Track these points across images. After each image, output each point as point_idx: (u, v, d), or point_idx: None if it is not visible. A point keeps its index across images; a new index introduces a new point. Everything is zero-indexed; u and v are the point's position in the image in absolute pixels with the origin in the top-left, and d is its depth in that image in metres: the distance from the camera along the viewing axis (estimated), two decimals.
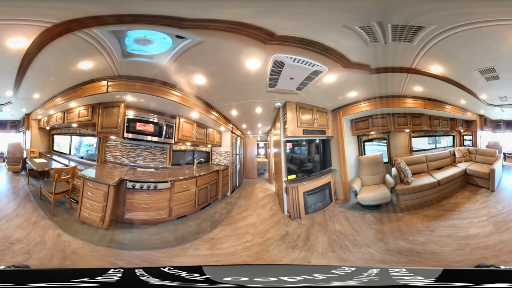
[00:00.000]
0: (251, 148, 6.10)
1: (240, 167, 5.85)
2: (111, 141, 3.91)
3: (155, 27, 2.50)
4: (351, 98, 4.23)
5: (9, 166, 3.52)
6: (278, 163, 4.85)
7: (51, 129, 3.92)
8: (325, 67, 3.56)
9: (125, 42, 2.64)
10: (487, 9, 1.96)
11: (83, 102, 3.37)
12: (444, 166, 3.86)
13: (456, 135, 3.85)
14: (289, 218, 4.20)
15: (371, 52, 3.03)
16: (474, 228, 2.66)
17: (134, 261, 2.87)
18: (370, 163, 4.22)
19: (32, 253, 2.25)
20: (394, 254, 2.78)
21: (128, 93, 3.19)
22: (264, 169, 6.13)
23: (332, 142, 4.74)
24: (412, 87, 3.47)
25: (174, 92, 3.69)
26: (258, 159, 6.06)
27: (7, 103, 2.90)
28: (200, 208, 4.37)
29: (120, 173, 3.63)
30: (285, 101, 4.47)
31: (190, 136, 4.63)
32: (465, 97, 3.31)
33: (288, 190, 4.28)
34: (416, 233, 2.96)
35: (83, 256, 2.42)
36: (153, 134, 3.92)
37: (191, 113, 4.46)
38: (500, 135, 3.36)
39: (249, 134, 6.12)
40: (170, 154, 4.54)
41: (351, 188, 4.18)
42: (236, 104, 4.73)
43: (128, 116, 3.58)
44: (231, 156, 5.50)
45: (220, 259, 3.23)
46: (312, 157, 4.80)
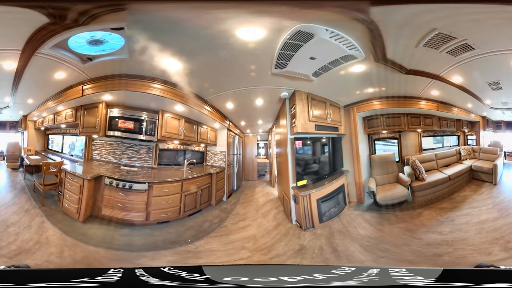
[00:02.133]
0: (250, 148, 5.55)
1: (238, 169, 5.29)
2: (97, 140, 3.96)
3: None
4: (368, 94, 3.80)
5: (8, 164, 3.79)
6: (283, 165, 4.30)
7: (46, 129, 4.15)
8: (363, 54, 2.98)
9: (77, 49, 2.78)
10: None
11: (68, 105, 3.61)
12: (452, 164, 4.11)
13: (461, 135, 4.14)
14: (300, 228, 3.64)
15: (408, 52, 3.02)
16: (484, 215, 3.10)
17: (76, 255, 2.78)
18: (383, 162, 4.14)
19: (20, 235, 2.71)
20: (437, 246, 2.92)
21: (104, 92, 3.34)
22: (265, 171, 5.56)
23: (343, 141, 4.31)
24: (430, 91, 3.62)
25: (153, 85, 3.38)
26: (258, 160, 5.52)
27: (6, 107, 3.32)
28: (187, 214, 3.86)
29: (101, 170, 3.62)
30: (293, 90, 3.73)
31: (176, 133, 4.09)
32: (472, 101, 3.64)
33: (297, 198, 3.64)
34: (440, 225, 3.17)
35: (49, 242, 2.71)
36: (134, 131, 3.74)
37: (175, 107, 3.86)
38: (500, 135, 3.73)
39: (249, 132, 5.56)
40: (156, 153, 4.15)
41: (369, 189, 3.96)
42: (231, 94, 3.91)
43: (112, 115, 3.65)
44: (227, 156, 4.92)
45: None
46: (318, 157, 4.24)
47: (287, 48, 2.93)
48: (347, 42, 2.85)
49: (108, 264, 2.71)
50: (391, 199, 3.74)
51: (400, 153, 4.17)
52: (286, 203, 4.00)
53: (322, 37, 2.76)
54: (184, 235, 3.48)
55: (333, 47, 2.93)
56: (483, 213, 3.13)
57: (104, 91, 3.34)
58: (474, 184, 3.69)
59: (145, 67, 3.09)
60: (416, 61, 3.18)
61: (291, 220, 3.76)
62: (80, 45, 2.69)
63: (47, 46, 2.56)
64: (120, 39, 2.76)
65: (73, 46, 2.70)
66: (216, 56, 3.03)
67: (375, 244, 3.15)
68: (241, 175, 5.41)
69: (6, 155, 3.82)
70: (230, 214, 4.05)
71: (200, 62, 3.15)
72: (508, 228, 2.82)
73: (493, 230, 2.83)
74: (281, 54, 3.00)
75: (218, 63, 3.15)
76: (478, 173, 3.73)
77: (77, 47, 2.69)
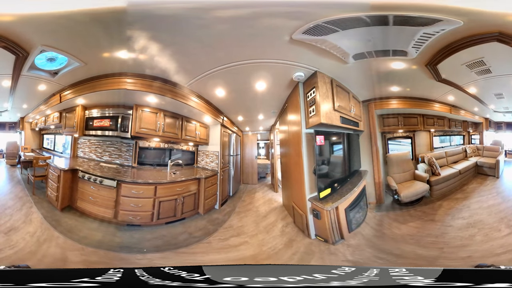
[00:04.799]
0: (250, 148, 5.03)
1: (235, 172, 4.70)
2: (80, 139, 4.14)
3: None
4: (390, 92, 3.64)
5: (7, 161, 4.17)
6: (291, 168, 3.70)
7: (40, 130, 4.51)
8: (414, 54, 2.75)
9: (43, 67, 3.19)
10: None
11: (54, 110, 3.95)
12: (459, 160, 4.50)
13: (466, 135, 4.53)
14: (325, 242, 3.05)
15: (454, 66, 3.12)
16: (491, 201, 3.56)
17: (42, 237, 3.02)
18: (400, 161, 4.16)
19: (13, 215, 3.17)
20: (465, 229, 3.22)
21: (77, 97, 3.57)
22: (266, 173, 5.04)
23: (361, 138, 4.04)
24: (447, 96, 3.86)
25: (124, 79, 3.26)
26: (258, 161, 5.02)
27: (5, 110, 3.81)
28: (164, 222, 3.47)
29: (85, 166, 3.73)
30: (314, 71, 2.98)
31: (153, 128, 3.73)
32: (478, 106, 4.01)
33: (320, 213, 2.95)
34: (459, 212, 3.50)
35: (31, 223, 3.12)
36: (109, 129, 3.73)
37: (148, 99, 3.50)
38: (501, 135, 4.17)
39: (248, 130, 5.04)
40: (136, 151, 3.91)
41: (391, 187, 3.87)
42: (222, 75, 2.95)
43: (91, 115, 3.85)
44: (220, 157, 4.27)
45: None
46: (340, 158, 3.80)
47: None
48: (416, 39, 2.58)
49: (54, 250, 2.86)
50: (415, 195, 3.81)
51: (413, 151, 4.33)
52: (298, 214, 3.33)
53: (397, 24, 2.36)
54: (145, 244, 3.11)
55: (398, 38, 2.59)
56: (490, 200, 3.62)
57: (78, 95, 3.53)
58: (480, 178, 4.13)
59: (105, 67, 3.11)
60: (450, 73, 3.27)
61: (308, 234, 3.01)
62: (44, 63, 3.14)
63: (25, 70, 3.06)
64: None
65: (39, 65, 3.13)
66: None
67: (419, 239, 3.17)
68: (239, 178, 4.93)
69: (6, 153, 4.15)
70: (220, 227, 3.38)
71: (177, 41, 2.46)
72: (509, 210, 3.33)
73: (498, 212, 3.32)
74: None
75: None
76: (482, 168, 4.21)
77: (42, 65, 3.15)
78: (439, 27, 2.46)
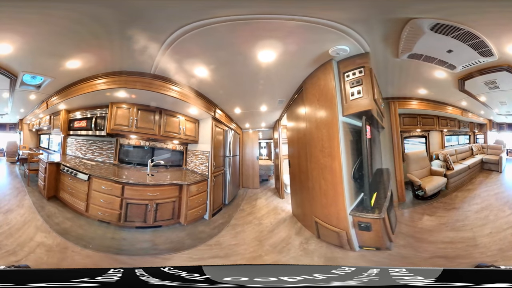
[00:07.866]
0: (250, 148, 4.57)
1: (233, 175, 4.16)
2: (68, 139, 4.51)
3: None
4: (414, 93, 3.98)
5: (8, 158, 4.70)
6: (315, 173, 3.01)
7: (37, 130, 5.00)
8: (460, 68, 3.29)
9: (30, 82, 3.75)
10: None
11: (45, 113, 4.50)
12: (466, 157, 5.01)
13: (471, 135, 5.07)
14: (377, 250, 2.72)
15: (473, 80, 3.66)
16: (496, 190, 4.18)
17: (26, 219, 3.55)
18: (418, 158, 4.50)
19: (10, 201, 3.75)
20: (480, 212, 3.75)
21: (60, 103, 4.00)
22: (268, 175, 4.59)
23: (381, 136, 3.96)
24: (461, 101, 4.35)
25: (96, 81, 3.37)
26: (260, 162, 4.57)
27: (5, 114, 4.41)
28: (135, 226, 3.24)
29: (72, 162, 4.05)
30: (365, 52, 2.59)
31: (126, 124, 3.49)
32: (484, 109, 4.54)
33: (371, 225, 2.51)
34: (473, 199, 4.06)
35: (23, 207, 3.69)
36: (87, 128, 4.00)
37: (118, 94, 3.34)
38: (503, 135, 4.72)
39: (248, 128, 4.57)
40: (117, 149, 3.88)
41: (416, 183, 4.12)
42: (208, 32, 2.11)
43: (73, 117, 4.25)
44: (211, 159, 3.65)
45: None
46: (373, 155, 3.57)
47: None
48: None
49: (31, 230, 3.30)
50: (436, 188, 4.25)
51: (428, 149, 4.82)
52: (329, 232, 2.69)
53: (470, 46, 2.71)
54: (103, 243, 2.92)
55: (460, 55, 2.93)
56: (495, 189, 4.22)
57: (60, 101, 3.94)
58: (485, 172, 4.71)
59: (73, 75, 3.54)
60: (471, 86, 3.80)
61: (351, 248, 2.46)
62: (30, 80, 3.70)
63: (17, 86, 3.70)
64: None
65: (27, 81, 3.70)
66: None
67: (452, 225, 3.63)
68: (238, 182, 4.46)
69: (6, 151, 4.70)
70: (201, 243, 2.71)
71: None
72: (511, 196, 3.93)
73: (503, 198, 3.89)
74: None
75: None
76: (487, 164, 4.78)
77: (29, 81, 3.71)
78: (489, 59, 3.16)
